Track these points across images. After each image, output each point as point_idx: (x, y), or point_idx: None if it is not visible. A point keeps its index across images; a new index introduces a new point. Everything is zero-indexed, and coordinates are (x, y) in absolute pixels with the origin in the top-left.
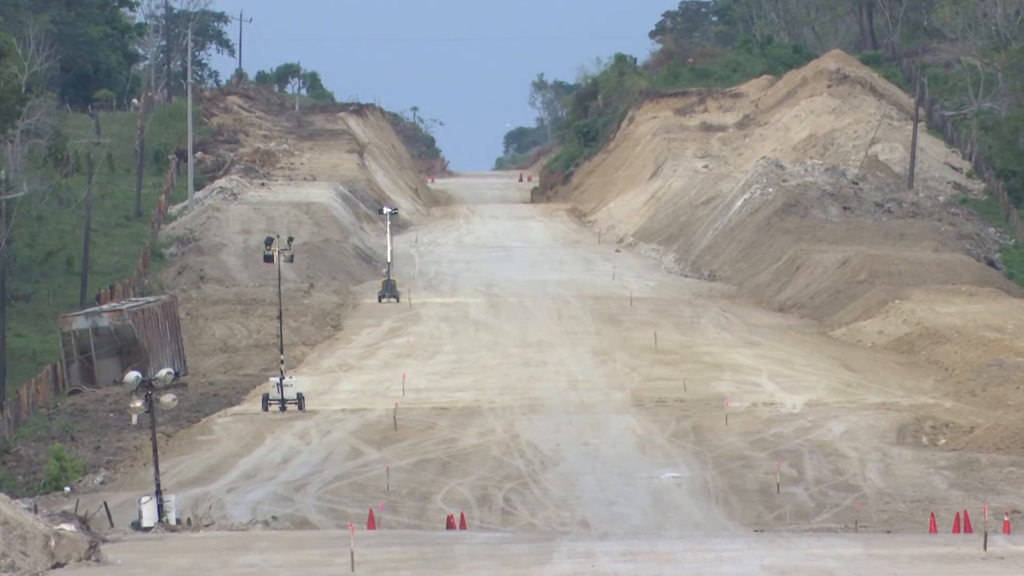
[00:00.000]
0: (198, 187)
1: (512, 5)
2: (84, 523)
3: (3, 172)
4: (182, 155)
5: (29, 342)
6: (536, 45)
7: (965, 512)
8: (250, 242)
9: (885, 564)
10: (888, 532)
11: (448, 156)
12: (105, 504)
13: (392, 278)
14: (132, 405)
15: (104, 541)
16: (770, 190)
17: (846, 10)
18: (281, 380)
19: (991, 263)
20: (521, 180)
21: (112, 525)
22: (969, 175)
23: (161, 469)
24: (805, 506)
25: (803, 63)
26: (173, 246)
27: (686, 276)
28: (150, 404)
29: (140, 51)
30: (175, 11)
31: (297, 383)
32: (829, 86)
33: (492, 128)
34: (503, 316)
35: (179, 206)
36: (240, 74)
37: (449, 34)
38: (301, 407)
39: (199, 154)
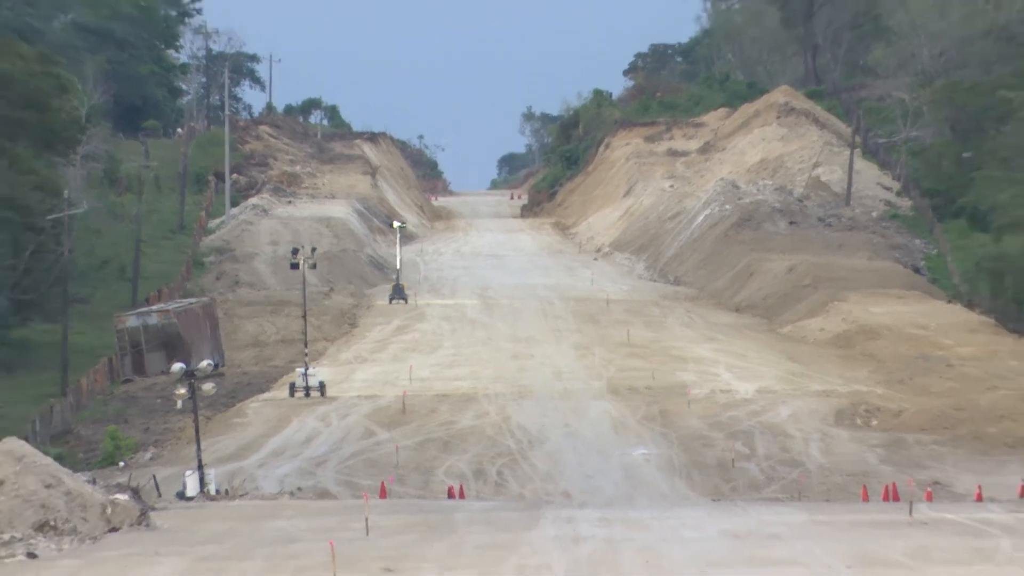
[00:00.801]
0: (233, 204)
1: (505, 48)
2: (136, 493)
3: (66, 192)
4: (220, 176)
5: (88, 338)
6: (525, 81)
7: (893, 484)
8: (278, 252)
9: (825, 529)
10: (828, 501)
11: (449, 177)
12: (154, 477)
13: (401, 282)
14: (177, 392)
15: (153, 509)
16: (727, 207)
17: (793, 51)
18: (305, 370)
19: (917, 270)
20: (512, 198)
21: (160, 495)
22: (898, 194)
23: (202, 447)
24: (756, 479)
25: (756, 97)
26: (212, 255)
27: (655, 281)
28: (192, 391)
29: (183, 87)
30: (214, 52)
31: (319, 373)
32: (778, 117)
33: (487, 153)
34: (496, 316)
35: (217, 221)
36: (270, 107)
37: (451, 73)
38: (322, 394)
39: (234, 176)
